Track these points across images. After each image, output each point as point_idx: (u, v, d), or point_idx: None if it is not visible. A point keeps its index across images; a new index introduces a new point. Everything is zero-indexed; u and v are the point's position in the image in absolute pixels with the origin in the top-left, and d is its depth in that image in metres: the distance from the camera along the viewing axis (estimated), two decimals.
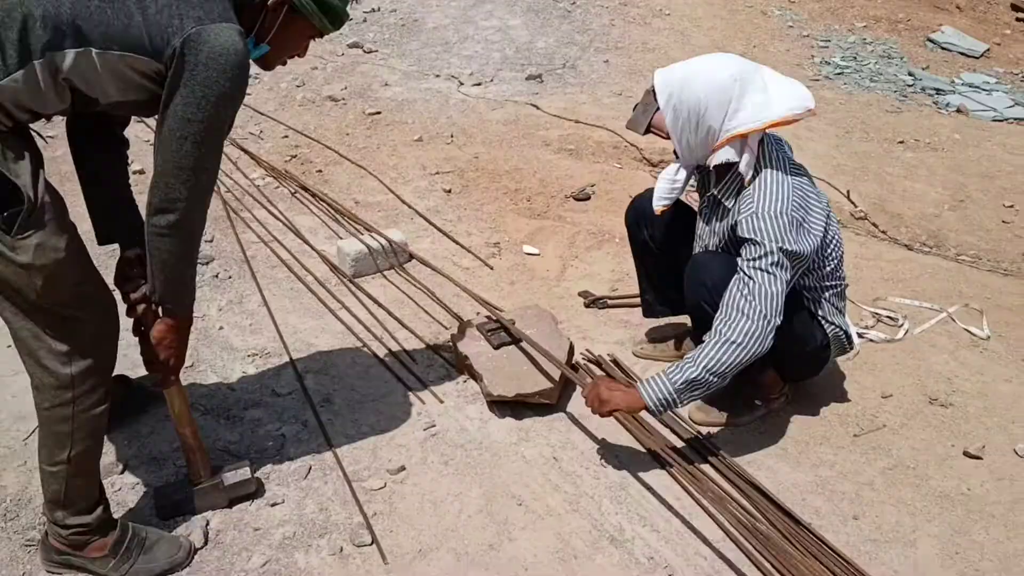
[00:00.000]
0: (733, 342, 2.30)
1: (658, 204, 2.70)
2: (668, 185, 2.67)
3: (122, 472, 2.41)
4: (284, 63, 2.11)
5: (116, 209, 2.21)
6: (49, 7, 1.66)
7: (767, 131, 2.42)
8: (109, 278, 2.05)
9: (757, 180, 2.42)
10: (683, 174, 2.63)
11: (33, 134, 1.85)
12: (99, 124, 2.14)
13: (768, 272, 2.31)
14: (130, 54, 1.73)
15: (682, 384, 2.32)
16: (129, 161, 2.30)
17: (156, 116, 1.85)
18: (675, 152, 2.59)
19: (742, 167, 2.42)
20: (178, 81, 1.75)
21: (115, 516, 2.13)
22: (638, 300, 3.16)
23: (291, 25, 1.96)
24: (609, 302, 3.36)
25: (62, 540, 2.03)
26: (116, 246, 2.24)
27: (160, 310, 2.06)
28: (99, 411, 1.97)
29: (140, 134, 4.56)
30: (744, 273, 2.34)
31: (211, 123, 1.80)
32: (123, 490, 2.36)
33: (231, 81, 1.77)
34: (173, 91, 1.76)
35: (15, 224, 1.70)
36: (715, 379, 2.31)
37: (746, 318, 2.30)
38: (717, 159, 2.43)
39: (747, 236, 2.35)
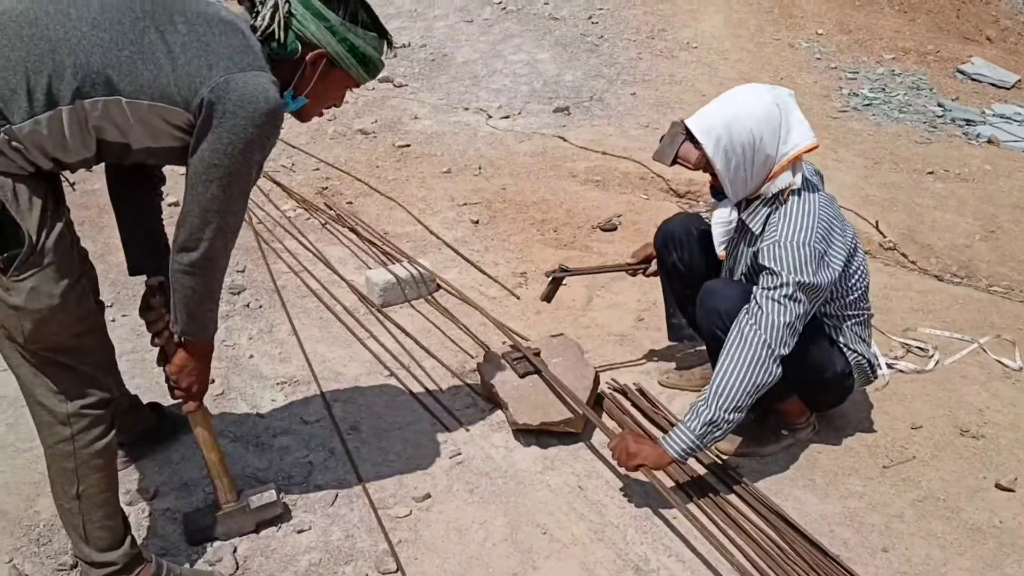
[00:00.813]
0: (736, 373, 2.30)
1: (719, 249, 2.71)
2: (724, 228, 2.68)
3: (152, 498, 2.44)
4: (321, 114, 2.13)
5: (147, 243, 2.23)
6: (81, 56, 1.67)
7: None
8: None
9: (785, 207, 2.42)
10: (735, 213, 2.63)
11: (62, 180, 1.88)
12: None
13: (779, 303, 2.31)
14: (159, 104, 1.74)
15: (701, 429, 2.32)
16: (164, 195, 2.35)
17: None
18: (714, 190, 2.58)
19: (797, 184, 2.43)
20: (206, 127, 1.76)
21: (145, 544, 2.15)
22: (602, 271, 3.26)
23: (329, 77, 1.97)
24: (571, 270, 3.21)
25: None
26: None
27: (183, 339, 2.07)
28: (101, 445, 1.97)
29: (177, 168, 4.63)
30: (755, 302, 2.35)
31: (238, 168, 1.82)
32: (154, 516, 2.39)
33: (259, 128, 1.78)
34: (201, 137, 1.78)
35: (12, 265, 1.71)
36: (731, 415, 2.31)
37: (749, 346, 2.31)
38: (776, 186, 2.43)
39: (766, 264, 2.35)
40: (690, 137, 2.48)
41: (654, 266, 3.00)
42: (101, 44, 1.69)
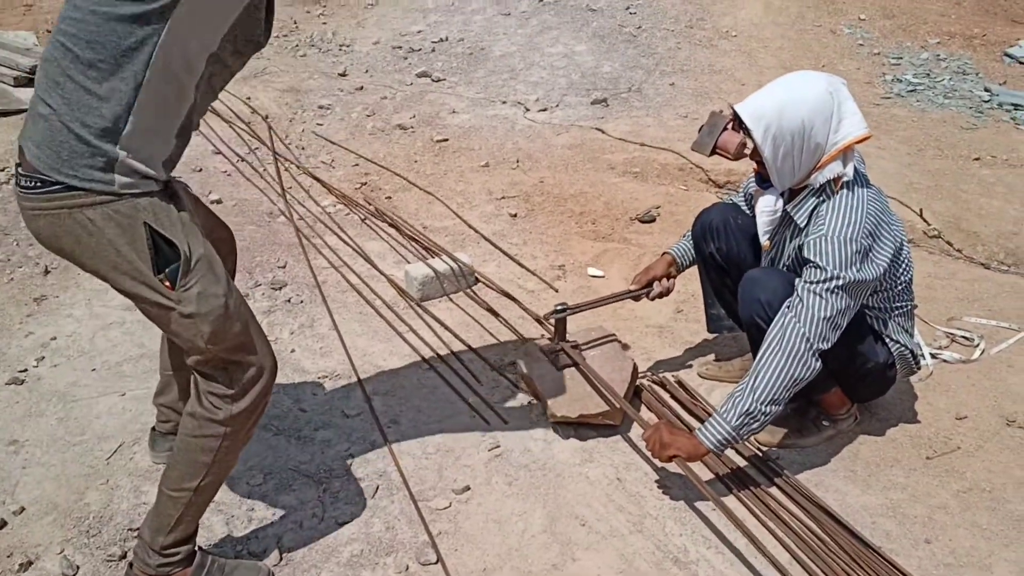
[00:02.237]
0: (774, 365, 2.30)
1: (764, 239, 2.67)
2: (769, 217, 2.63)
3: None
4: None
5: None
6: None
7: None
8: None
9: (833, 200, 2.40)
10: (780, 203, 2.60)
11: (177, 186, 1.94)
12: None
13: (821, 296, 2.30)
14: None
15: (738, 420, 2.32)
16: (207, 192, 2.39)
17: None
18: (759, 178, 2.57)
19: (848, 176, 2.41)
20: None
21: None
22: (604, 303, 3.12)
23: None
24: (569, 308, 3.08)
25: (148, 571, 2.05)
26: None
27: None
28: (242, 446, 2.05)
29: (218, 165, 4.72)
30: (798, 295, 2.33)
31: None
32: None
33: None
34: None
35: (177, 278, 1.80)
36: (768, 407, 2.30)
37: (788, 339, 2.30)
38: (824, 176, 2.41)
39: (811, 258, 2.33)
40: (738, 122, 2.46)
41: (656, 289, 2.97)
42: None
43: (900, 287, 2.57)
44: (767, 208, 2.62)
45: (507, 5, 8.02)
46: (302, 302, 3.52)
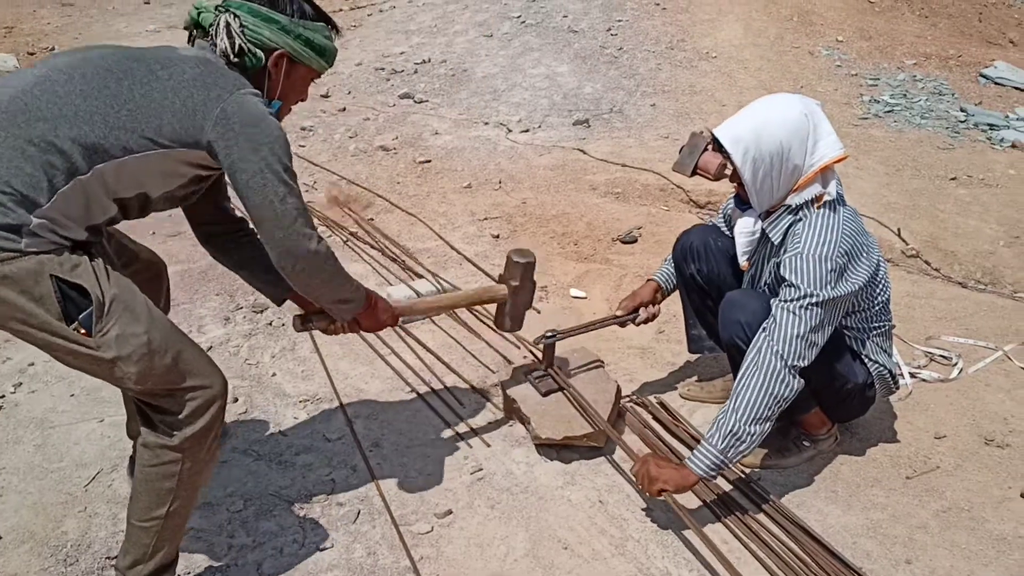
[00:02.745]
0: (753, 384, 2.31)
1: (743, 260, 2.70)
2: (748, 238, 2.66)
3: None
4: (290, 111, 2.23)
5: (271, 272, 2.20)
6: (83, 126, 1.76)
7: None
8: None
9: (809, 219, 2.42)
10: (759, 224, 2.62)
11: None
12: (217, 217, 2.32)
13: (795, 314, 2.32)
14: (169, 149, 1.84)
15: (723, 442, 2.32)
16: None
17: (196, 197, 2.04)
18: (738, 199, 2.59)
19: (832, 195, 2.44)
20: (232, 158, 1.86)
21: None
22: (591, 328, 3.09)
23: (293, 74, 2.10)
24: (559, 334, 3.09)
25: None
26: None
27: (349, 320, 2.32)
28: (206, 466, 2.02)
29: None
30: (774, 314, 2.35)
31: (274, 166, 1.89)
32: None
33: (272, 134, 1.89)
34: (233, 169, 1.87)
35: (92, 323, 1.77)
36: (752, 427, 2.31)
37: (763, 359, 2.32)
38: (803, 197, 2.44)
39: (786, 276, 2.35)
40: (717, 146, 2.49)
41: (643, 315, 2.98)
42: (99, 111, 1.78)
43: (878, 307, 2.59)
44: (746, 229, 2.64)
45: (489, 27, 8.07)
46: (283, 325, 3.51)
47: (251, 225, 2.12)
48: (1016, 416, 3.01)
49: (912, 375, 3.22)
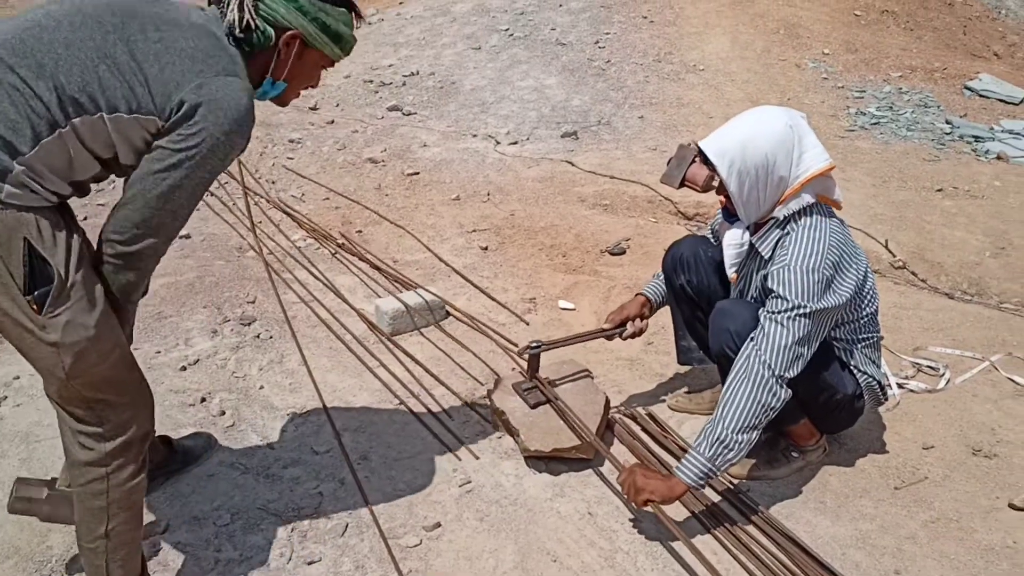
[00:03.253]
0: (741, 393, 2.32)
1: (731, 271, 2.71)
2: (736, 250, 2.67)
3: (164, 532, 2.45)
4: (298, 95, 2.13)
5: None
6: (61, 77, 1.68)
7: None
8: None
9: (796, 232, 2.43)
10: (746, 235, 2.64)
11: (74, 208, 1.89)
12: None
13: (782, 325, 2.32)
14: (138, 115, 1.74)
15: (711, 450, 2.32)
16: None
17: None
18: (726, 212, 2.60)
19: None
20: (173, 129, 1.75)
21: None
22: (578, 340, 3.09)
23: (304, 58, 1.98)
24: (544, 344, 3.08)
25: None
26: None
27: None
28: (135, 483, 1.98)
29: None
30: (762, 325, 2.36)
31: (195, 172, 1.79)
32: (166, 550, 2.39)
33: (226, 135, 1.78)
34: (164, 135, 1.76)
35: (46, 302, 1.72)
36: (740, 435, 2.31)
37: (751, 368, 2.32)
38: (789, 209, 2.45)
39: (774, 288, 2.36)
40: (703, 159, 2.49)
41: (630, 329, 2.98)
42: (77, 62, 1.70)
43: (865, 318, 2.60)
44: (733, 241, 2.65)
45: (477, 39, 8.09)
46: (271, 337, 3.50)
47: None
48: (1003, 426, 3.02)
49: (900, 386, 3.23)
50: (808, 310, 2.32)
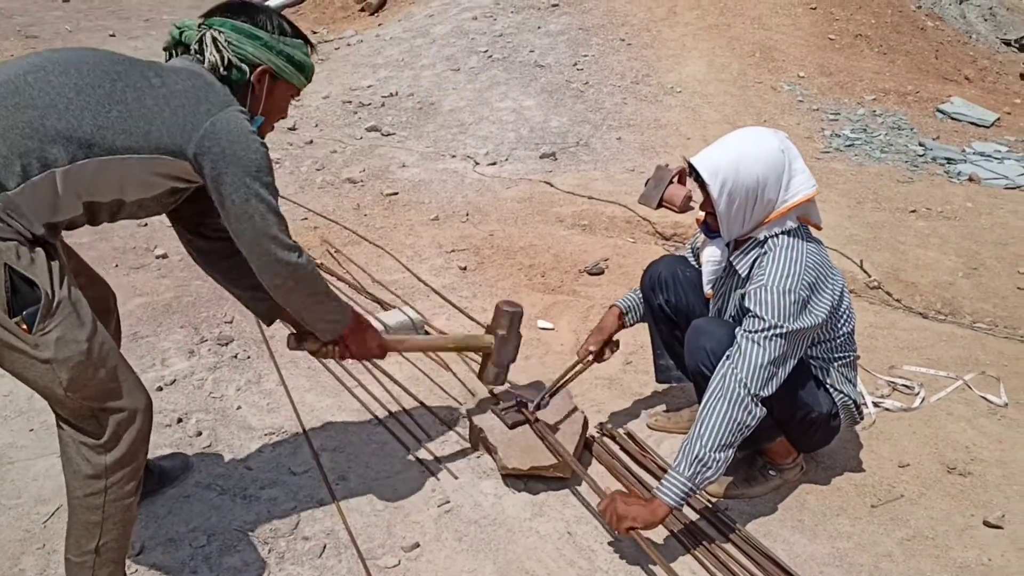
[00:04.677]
0: (718, 411, 2.33)
1: (708, 288, 2.74)
2: (713, 267, 2.70)
3: (138, 554, 2.42)
4: (272, 128, 2.28)
5: (258, 290, 2.30)
6: (71, 120, 1.78)
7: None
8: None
9: (774, 253, 2.45)
10: (725, 253, 2.65)
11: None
12: (207, 231, 2.37)
13: (759, 344, 2.34)
14: (153, 156, 1.87)
15: (690, 469, 2.32)
16: (153, 247, 2.41)
17: (174, 207, 2.10)
18: (707, 227, 2.61)
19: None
20: (217, 172, 1.92)
21: None
22: (567, 379, 3.07)
23: (275, 91, 2.15)
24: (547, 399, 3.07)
25: None
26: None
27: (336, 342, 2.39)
28: (131, 501, 2.00)
29: (164, 219, 4.66)
30: (738, 343, 2.38)
31: (259, 191, 1.96)
32: (141, 573, 2.37)
33: (256, 152, 1.95)
34: (218, 183, 1.93)
35: (35, 321, 1.75)
36: (717, 453, 2.32)
37: (727, 386, 2.34)
38: (773, 230, 2.47)
39: (751, 308, 2.38)
40: (694, 175, 2.49)
41: (607, 355, 2.99)
42: (89, 107, 1.80)
43: (842, 338, 2.63)
44: (712, 258, 2.67)
45: (456, 61, 8.13)
46: (249, 357, 3.48)
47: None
48: (977, 444, 3.05)
49: (876, 404, 3.26)
50: (784, 330, 2.34)
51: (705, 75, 7.84)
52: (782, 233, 2.47)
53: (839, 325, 2.60)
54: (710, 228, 2.61)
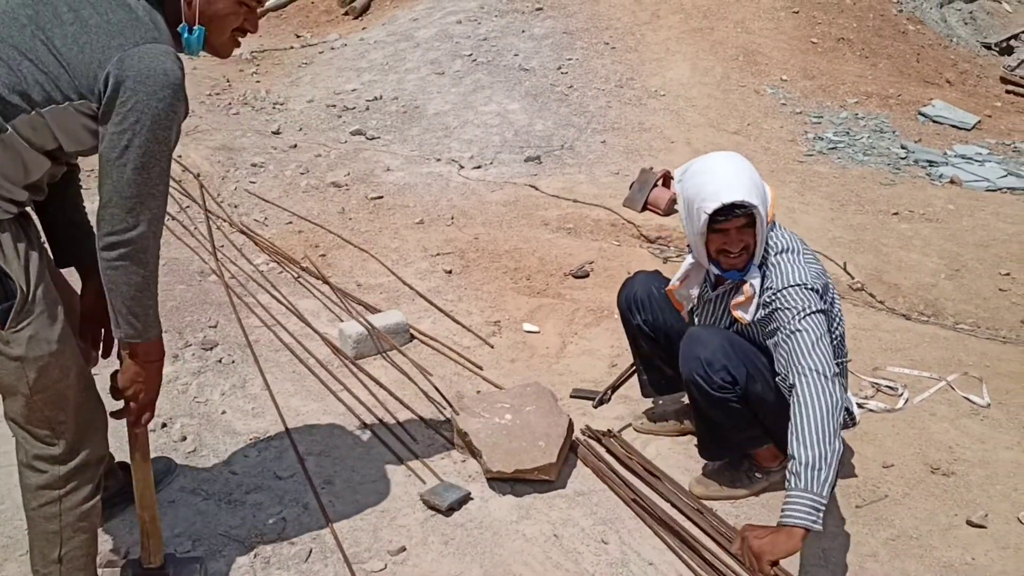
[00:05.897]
0: (808, 412, 2.21)
1: (685, 311, 2.80)
2: (689, 304, 2.77)
3: (125, 558, 2.41)
4: (238, 44, 2.01)
5: (71, 232, 2.13)
6: None
7: None
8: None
9: (770, 262, 2.50)
10: (696, 291, 2.71)
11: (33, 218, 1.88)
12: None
13: (800, 330, 2.34)
14: (69, 102, 1.73)
15: (807, 478, 2.14)
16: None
17: None
18: (734, 274, 2.55)
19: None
20: (110, 110, 1.73)
21: None
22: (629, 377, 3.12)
23: None
24: (610, 394, 3.33)
25: None
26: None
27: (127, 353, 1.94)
28: (88, 506, 1.97)
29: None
30: (781, 346, 2.37)
31: (150, 147, 1.75)
32: None
33: (162, 101, 1.74)
34: (106, 119, 1.74)
35: (8, 317, 1.72)
36: (824, 448, 2.15)
37: (802, 387, 2.25)
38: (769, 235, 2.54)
39: (777, 314, 2.41)
40: (743, 212, 2.40)
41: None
42: (2, 64, 1.70)
43: (835, 341, 2.63)
44: (686, 298, 2.75)
45: (441, 65, 8.12)
46: (233, 362, 3.47)
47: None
48: (960, 445, 3.07)
49: (860, 406, 3.27)
50: (815, 308, 2.37)
51: (689, 79, 7.87)
52: (777, 248, 2.51)
53: (833, 327, 2.61)
54: (737, 268, 2.52)
